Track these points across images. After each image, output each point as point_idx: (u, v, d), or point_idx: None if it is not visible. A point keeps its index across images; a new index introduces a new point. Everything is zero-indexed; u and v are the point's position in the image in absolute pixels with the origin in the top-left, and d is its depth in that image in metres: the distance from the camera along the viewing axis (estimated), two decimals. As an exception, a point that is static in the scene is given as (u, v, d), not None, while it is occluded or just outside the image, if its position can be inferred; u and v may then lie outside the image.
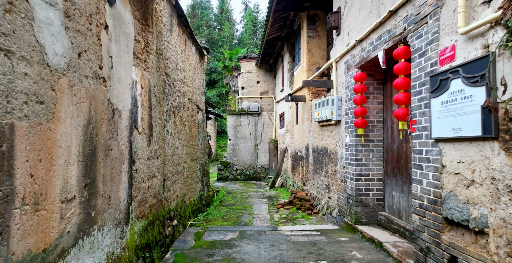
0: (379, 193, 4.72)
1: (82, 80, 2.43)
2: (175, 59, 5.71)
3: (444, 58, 2.64)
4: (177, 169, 5.68)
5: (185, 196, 6.33)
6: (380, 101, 4.77)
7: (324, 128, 6.59)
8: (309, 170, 7.91)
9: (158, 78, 4.61)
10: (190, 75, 7.17)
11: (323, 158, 6.66)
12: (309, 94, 7.92)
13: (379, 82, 4.78)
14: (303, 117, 8.50)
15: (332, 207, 5.94)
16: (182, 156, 6.16)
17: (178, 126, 5.85)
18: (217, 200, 9.01)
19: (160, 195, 4.60)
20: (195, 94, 7.72)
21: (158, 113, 4.55)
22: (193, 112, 7.42)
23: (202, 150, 8.45)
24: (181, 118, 6.20)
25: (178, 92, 5.93)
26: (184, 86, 6.49)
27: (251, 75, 14.60)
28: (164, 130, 4.91)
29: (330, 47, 7.54)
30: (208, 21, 36.76)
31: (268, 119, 14.22)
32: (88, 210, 2.52)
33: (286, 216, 6.62)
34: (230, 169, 14.19)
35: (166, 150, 4.98)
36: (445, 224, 2.66)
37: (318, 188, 7.01)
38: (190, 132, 7.05)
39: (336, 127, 5.80)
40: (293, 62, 10.47)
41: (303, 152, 8.55)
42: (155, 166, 4.35)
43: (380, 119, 4.77)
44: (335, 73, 5.77)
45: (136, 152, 3.61)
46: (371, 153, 4.76)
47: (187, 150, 6.64)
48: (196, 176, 7.53)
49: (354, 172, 4.79)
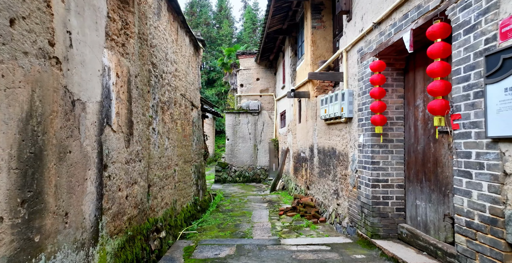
0: (400, 201, 4.06)
1: (17, 57, 1.76)
2: (164, 48, 5.04)
3: (509, 29, 1.97)
4: (166, 172, 5.01)
5: (177, 202, 5.66)
6: (400, 94, 4.11)
7: (331, 127, 5.92)
8: (313, 173, 7.24)
9: (142, 67, 3.94)
10: (183, 68, 6.50)
11: (330, 160, 5.99)
12: (314, 89, 7.26)
13: (399, 73, 4.11)
14: (307, 115, 7.84)
15: (341, 216, 5.27)
16: (173, 158, 5.49)
17: (168, 124, 5.18)
18: (214, 205, 8.34)
19: (144, 204, 3.93)
20: (189, 89, 7.05)
21: (141, 108, 3.88)
22: (186, 109, 6.75)
23: (197, 151, 7.78)
24: (172, 115, 5.54)
25: (168, 85, 5.26)
26: (175, 79, 5.82)
27: (251, 72, 13.92)
28: (150, 128, 4.24)
29: (337, 38, 6.87)
30: (207, 19, 36.24)
31: (268, 118, 13.56)
32: (28, 235, 1.85)
33: (290, 225, 5.95)
34: (229, 170, 13.52)
35: (152, 152, 4.31)
36: (511, 252, 1.99)
37: (324, 193, 6.35)
38: (183, 131, 6.38)
39: (346, 125, 5.13)
40: (295, 57, 9.80)
41: (307, 153, 7.88)
42: (136, 170, 3.68)
43: (400, 115, 4.10)
44: (345, 64, 5.10)
45: (109, 155, 2.94)
46: (389, 155, 4.09)
47: (179, 151, 5.97)
48: (190, 179, 6.86)
49: (369, 177, 4.13)
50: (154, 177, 4.40)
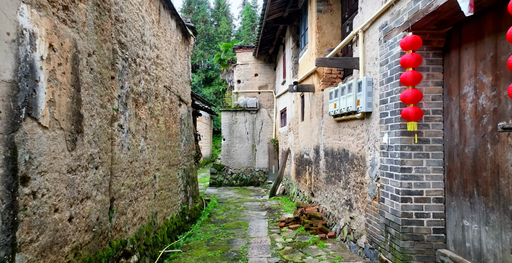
0: (438, 220, 3.12)
1: None
2: (139, 28, 4.10)
3: None
4: (141, 180, 4.07)
5: (157, 215, 4.72)
6: (438, 81, 3.18)
7: (342, 124, 4.99)
8: (319, 178, 6.30)
9: (101, 44, 2.99)
10: (168, 56, 5.56)
11: (341, 163, 5.05)
12: (320, 82, 6.33)
13: (436, 53, 3.18)
14: (311, 112, 6.90)
15: (356, 232, 4.33)
16: (153, 162, 4.55)
17: (145, 120, 4.24)
18: (206, 214, 7.40)
19: (103, 225, 2.99)
20: (176, 82, 6.10)
21: (99, 98, 2.94)
22: (172, 104, 5.81)
23: (187, 152, 6.84)
24: (152, 110, 4.60)
25: (146, 74, 4.32)
26: (157, 68, 4.88)
27: (248, 67, 12.97)
28: (114, 125, 3.29)
29: (347, 22, 5.94)
30: (205, 16, 35.44)
31: (267, 117, 12.61)
32: None
33: (293, 241, 5.00)
34: (225, 173, 12.56)
35: (118, 155, 3.36)
36: None
37: (333, 202, 5.41)
38: (168, 130, 5.44)
39: (363, 121, 4.19)
40: (297, 49, 8.87)
41: (311, 155, 6.94)
42: (89, 181, 2.74)
43: (437, 108, 3.17)
44: (362, 47, 4.17)
45: (32, 162, 2.00)
46: (424, 160, 3.16)
47: (162, 153, 5.03)
48: (176, 186, 5.92)
49: (398, 188, 3.19)
50: (122, 187, 3.45)
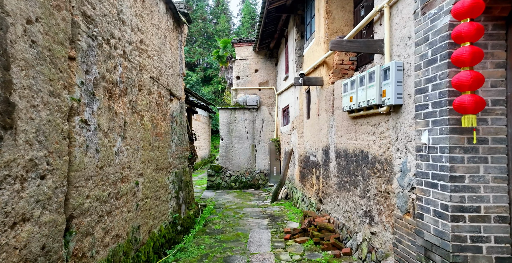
0: (504, 247, 2.36)
1: None
2: (115, 2, 3.33)
3: None
4: (116, 189, 3.30)
5: (140, 229, 3.95)
6: (500, 62, 2.41)
7: (360, 121, 4.22)
8: (329, 183, 5.53)
9: (51, 11, 2.22)
10: (156, 43, 4.80)
11: (357, 167, 4.29)
12: (329, 74, 5.56)
13: (498, 25, 2.42)
14: (319, 108, 6.13)
15: (380, 252, 3.56)
16: (134, 166, 3.78)
17: (123, 116, 3.47)
18: (201, 222, 6.63)
19: (52, 255, 2.21)
20: (166, 73, 5.34)
21: (47, 82, 2.17)
22: (161, 98, 5.04)
23: (179, 153, 6.07)
24: (134, 104, 3.83)
25: (125, 60, 3.55)
26: (141, 55, 4.12)
27: (248, 62, 12.20)
28: (74, 119, 2.52)
29: (361, 5, 5.18)
30: (203, 14, 34.79)
31: (268, 115, 11.84)
32: None
33: (301, 259, 4.24)
34: (223, 175, 11.79)
35: (81, 159, 2.59)
36: None
37: (347, 212, 4.64)
38: (155, 128, 4.67)
39: (389, 117, 3.43)
40: (302, 40, 8.10)
41: (319, 156, 6.18)
42: (27, 197, 1.96)
43: (499, 97, 2.41)
44: (388, 26, 3.40)
45: None
46: (482, 166, 2.40)
47: (147, 155, 4.26)
48: (166, 192, 5.15)
49: (446, 202, 2.43)
50: (86, 200, 2.68)
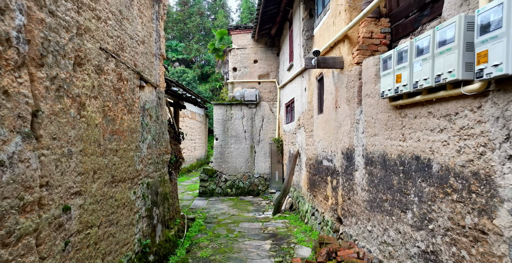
0: None
1: None
2: None
3: None
4: (6, 227, 1.86)
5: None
6: None
7: (413, 112, 2.79)
8: (355, 199, 4.10)
9: None
10: (114, 3, 3.36)
11: (407, 181, 2.86)
12: (353, 52, 4.14)
13: None
14: (338, 98, 4.71)
15: None
16: (61, 181, 2.33)
17: (31, 100, 2.03)
18: (185, 244, 5.19)
19: None
20: (132, 49, 3.90)
21: None
22: (122, 82, 3.60)
23: (154, 158, 4.63)
24: (62, 84, 2.38)
25: (36, 6, 2.11)
26: (81, 11, 2.67)
27: (246, 52, 10.76)
28: None
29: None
30: (201, 9, 33.50)
31: (269, 111, 10.41)
32: None
33: None
34: (217, 179, 10.35)
35: None
36: None
37: (387, 245, 3.21)
38: (110, 124, 3.23)
39: (485, 100, 2.00)
40: (310, 19, 6.68)
41: (338, 161, 4.75)
42: None
43: None
44: None
45: None
46: None
47: (93, 162, 2.82)
48: (130, 213, 3.70)
49: None
50: None
